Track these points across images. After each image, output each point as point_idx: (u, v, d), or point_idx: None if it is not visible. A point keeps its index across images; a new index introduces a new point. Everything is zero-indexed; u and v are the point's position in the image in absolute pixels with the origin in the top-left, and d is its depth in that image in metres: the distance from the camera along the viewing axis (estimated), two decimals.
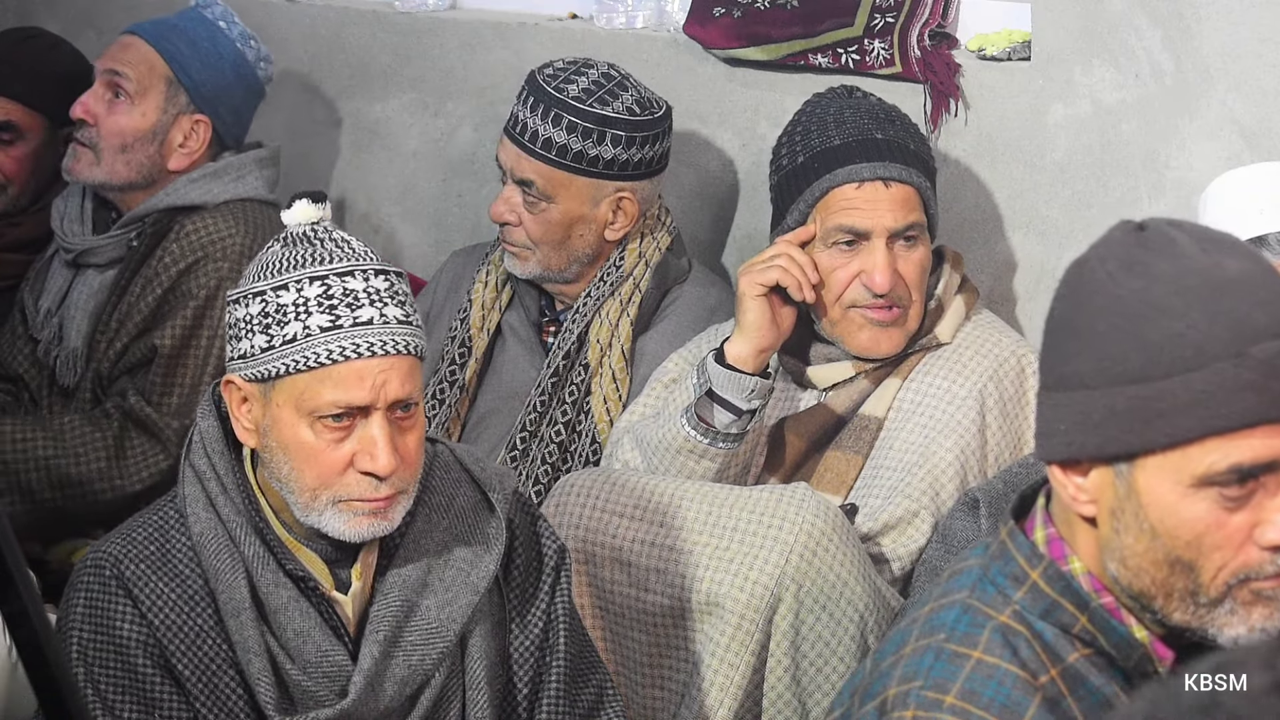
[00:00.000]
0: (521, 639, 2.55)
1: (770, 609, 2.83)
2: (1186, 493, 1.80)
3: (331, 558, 2.42)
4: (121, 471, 3.52)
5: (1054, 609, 1.90)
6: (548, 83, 3.36)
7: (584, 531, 2.93)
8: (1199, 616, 1.84)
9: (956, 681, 1.87)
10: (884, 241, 3.05)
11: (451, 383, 3.50)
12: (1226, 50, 3.16)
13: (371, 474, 2.34)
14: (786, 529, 2.83)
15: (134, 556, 2.41)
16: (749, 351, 3.03)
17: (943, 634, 1.92)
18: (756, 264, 3.06)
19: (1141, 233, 1.84)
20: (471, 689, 2.49)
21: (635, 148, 3.34)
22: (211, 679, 2.39)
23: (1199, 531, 1.81)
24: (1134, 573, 1.85)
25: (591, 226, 3.37)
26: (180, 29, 3.65)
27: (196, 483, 2.42)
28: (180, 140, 3.62)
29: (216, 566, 2.38)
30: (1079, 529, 1.91)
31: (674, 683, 2.92)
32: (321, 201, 2.39)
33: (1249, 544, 1.81)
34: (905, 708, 1.88)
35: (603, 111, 3.32)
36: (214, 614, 2.39)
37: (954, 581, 1.97)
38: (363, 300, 2.34)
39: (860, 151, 3.07)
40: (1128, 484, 1.83)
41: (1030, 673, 1.88)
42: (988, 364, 3.12)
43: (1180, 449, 1.79)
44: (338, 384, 2.32)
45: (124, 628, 2.39)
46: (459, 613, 2.45)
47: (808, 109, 3.19)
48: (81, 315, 3.65)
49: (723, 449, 3.03)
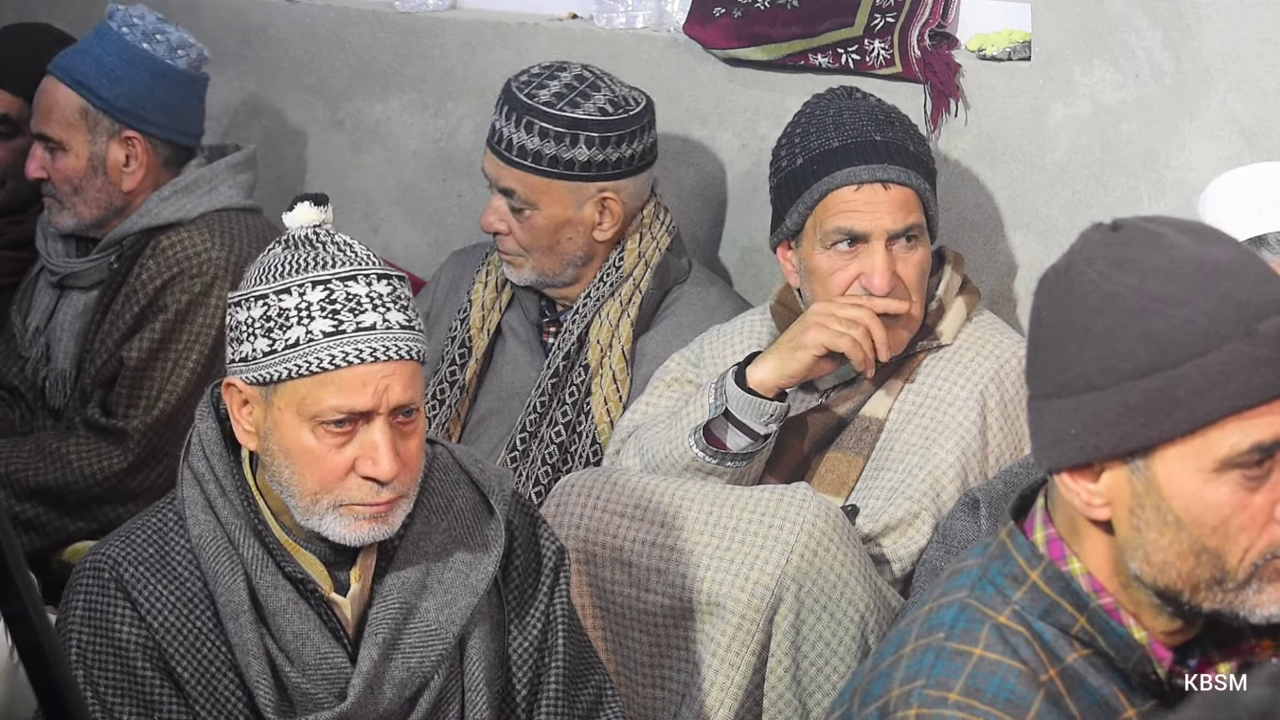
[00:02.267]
0: (520, 640, 2.55)
1: (771, 609, 2.83)
2: (1210, 478, 1.81)
3: (330, 560, 2.42)
4: (73, 475, 3.52)
5: (1053, 609, 1.90)
6: (520, 90, 3.37)
7: (585, 531, 2.93)
8: (1228, 601, 1.85)
9: (959, 679, 1.87)
10: (883, 243, 3.04)
11: (451, 383, 3.50)
12: (1226, 50, 3.16)
13: (373, 479, 2.34)
14: (787, 529, 2.83)
15: (133, 559, 2.41)
16: (774, 384, 3.01)
17: (942, 633, 1.92)
18: (835, 318, 2.99)
19: (1119, 232, 1.85)
20: (470, 691, 2.48)
21: (611, 147, 3.34)
22: (210, 681, 2.39)
23: (1225, 516, 1.81)
24: (1159, 568, 1.85)
25: (579, 229, 3.38)
26: (87, 51, 3.61)
27: (195, 485, 2.42)
28: (123, 161, 3.62)
29: (215, 569, 2.38)
30: (1087, 534, 1.90)
31: (675, 683, 2.92)
32: (324, 204, 2.39)
33: (1272, 522, 1.82)
34: (909, 707, 1.88)
35: (574, 114, 3.32)
36: (213, 616, 2.39)
37: (953, 581, 1.97)
38: (365, 305, 2.33)
39: (859, 153, 3.06)
40: (1146, 479, 1.83)
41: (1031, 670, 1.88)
42: (989, 365, 3.12)
43: (1200, 434, 1.80)
44: (340, 389, 2.32)
45: (123, 630, 2.39)
46: (458, 615, 2.45)
47: (807, 110, 3.19)
48: (68, 337, 3.66)
49: (730, 468, 3.02)
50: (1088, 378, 1.82)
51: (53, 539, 3.56)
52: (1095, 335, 1.82)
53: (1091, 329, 1.82)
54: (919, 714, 1.87)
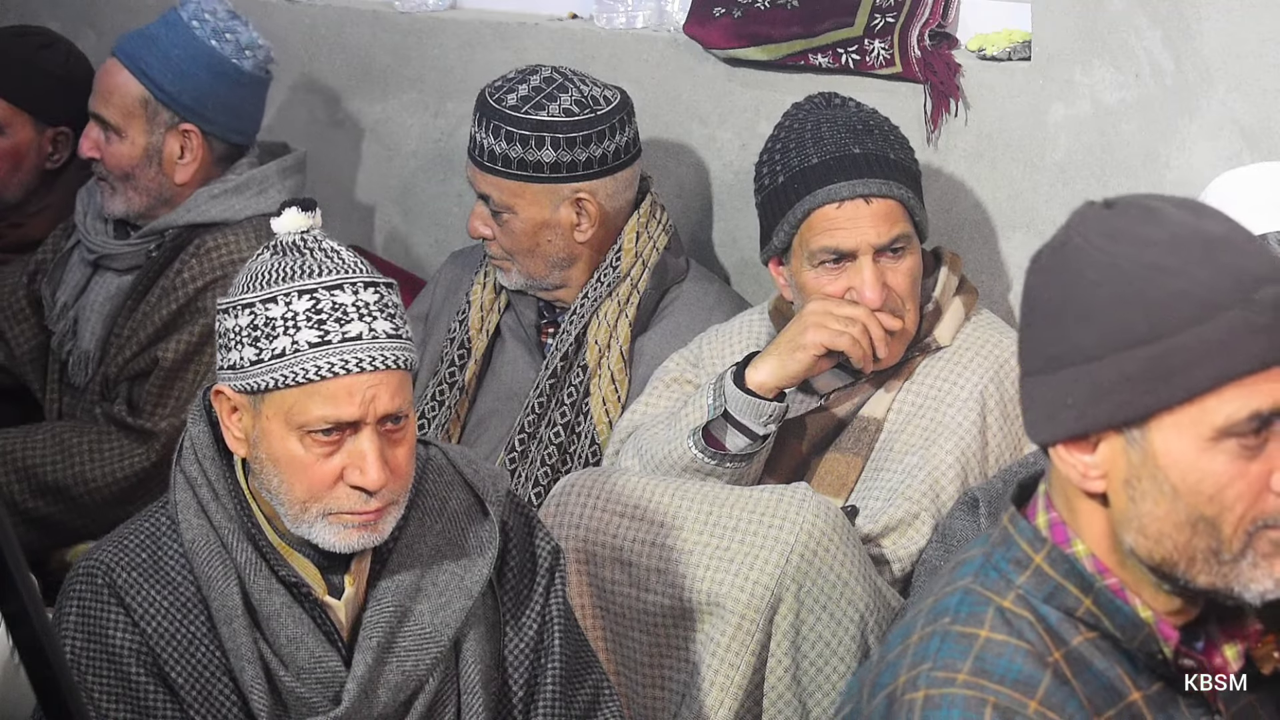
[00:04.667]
0: (516, 641, 2.54)
1: (771, 609, 2.83)
2: (1207, 446, 1.82)
3: (324, 563, 2.41)
4: (95, 472, 3.51)
5: (1058, 592, 1.90)
6: (490, 96, 3.38)
7: (584, 532, 2.93)
8: (1223, 575, 1.85)
9: (967, 660, 1.87)
10: (870, 258, 3.04)
11: (451, 384, 3.50)
12: (1226, 50, 3.16)
13: (361, 488, 2.33)
14: (787, 529, 2.83)
15: (125, 564, 2.40)
16: (773, 385, 3.01)
17: (947, 618, 1.92)
18: (833, 316, 2.99)
19: (1112, 208, 1.86)
20: (466, 693, 2.48)
21: (579, 148, 3.34)
22: (205, 686, 2.38)
23: (1222, 484, 1.82)
24: (1154, 540, 1.86)
25: (557, 231, 3.37)
26: (154, 40, 3.60)
27: (188, 489, 2.41)
28: (178, 153, 3.61)
29: (209, 573, 2.38)
30: (1083, 509, 1.91)
31: (674, 683, 2.92)
32: (311, 209, 2.38)
33: (1266, 491, 1.82)
34: (916, 690, 1.88)
35: (538, 117, 3.32)
36: (206, 621, 2.39)
37: (958, 571, 1.98)
38: (351, 315, 2.33)
39: (839, 169, 3.05)
40: (1142, 450, 1.83)
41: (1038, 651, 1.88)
42: (988, 365, 3.12)
43: (1198, 402, 1.80)
44: (326, 399, 2.31)
45: (116, 636, 2.38)
46: (453, 617, 2.44)
47: (786, 123, 3.17)
48: (96, 317, 3.65)
49: (729, 469, 3.02)
50: (1084, 349, 1.83)
51: (62, 537, 3.55)
52: (1092, 306, 1.82)
53: (1088, 300, 1.83)
54: (926, 695, 1.87)
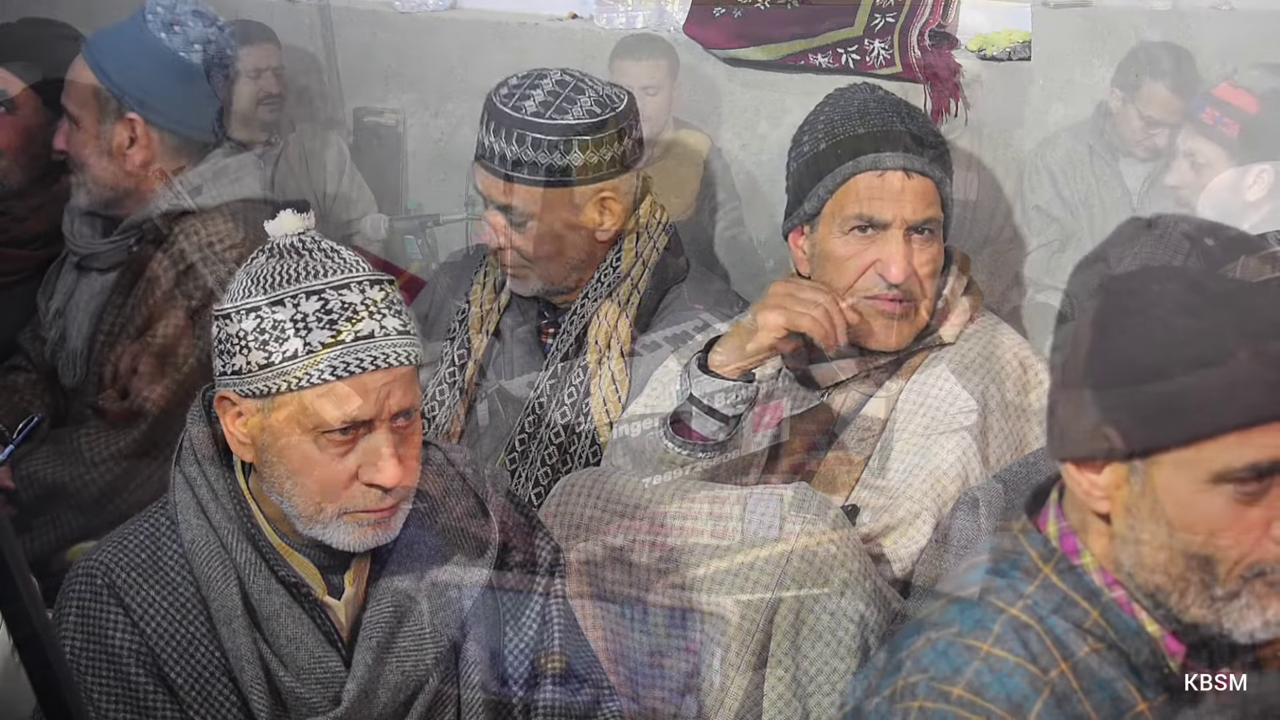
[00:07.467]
0: (516, 641, 2.54)
1: (771, 609, 2.83)
2: (1203, 488, 1.82)
3: (324, 564, 2.42)
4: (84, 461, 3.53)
5: (1065, 603, 1.91)
6: (504, 103, 3.31)
7: (585, 531, 2.94)
8: (1215, 611, 1.85)
9: (965, 674, 1.88)
10: (901, 232, 3.04)
11: (451, 384, 3.50)
12: (1226, 50, 3.16)
13: (377, 485, 2.34)
14: (787, 529, 2.83)
15: (125, 564, 2.41)
16: (735, 365, 3.01)
17: (954, 628, 1.93)
18: (795, 298, 3.00)
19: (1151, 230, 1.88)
20: (466, 693, 2.48)
21: (605, 148, 3.32)
22: (205, 687, 2.38)
23: (1215, 526, 1.82)
24: (1149, 569, 1.86)
25: (581, 233, 3.36)
26: (112, 33, 3.63)
27: (187, 489, 2.42)
28: (126, 142, 3.63)
29: (208, 573, 2.38)
30: (1092, 523, 1.92)
31: (674, 683, 2.92)
32: (306, 211, 2.38)
33: (1265, 539, 1.83)
34: (914, 698, 1.89)
35: (563, 121, 3.29)
36: (206, 621, 2.39)
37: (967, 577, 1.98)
38: (361, 314, 2.33)
39: (885, 140, 3.05)
40: (1143, 480, 1.84)
41: (1040, 667, 1.89)
42: (990, 365, 3.12)
43: (1198, 446, 1.81)
44: (342, 399, 2.31)
45: (116, 636, 2.38)
46: (452, 617, 2.45)
47: (831, 100, 3.18)
48: (83, 316, 3.67)
49: (702, 459, 3.02)
50: (1099, 375, 1.84)
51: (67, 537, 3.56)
52: (1113, 335, 1.83)
53: (1110, 328, 1.84)
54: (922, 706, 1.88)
